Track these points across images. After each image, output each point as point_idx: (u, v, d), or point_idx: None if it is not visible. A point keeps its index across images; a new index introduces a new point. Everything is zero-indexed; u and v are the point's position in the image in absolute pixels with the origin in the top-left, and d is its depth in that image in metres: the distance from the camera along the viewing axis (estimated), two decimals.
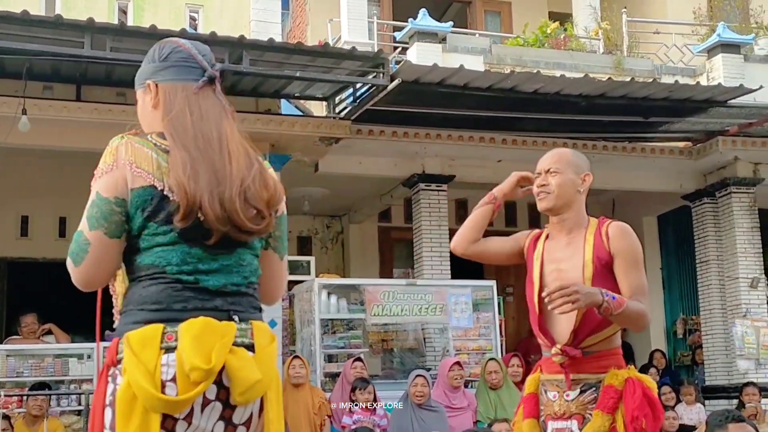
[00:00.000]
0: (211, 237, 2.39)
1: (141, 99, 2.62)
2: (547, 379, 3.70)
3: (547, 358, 3.70)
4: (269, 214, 2.47)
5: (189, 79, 2.54)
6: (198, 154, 2.40)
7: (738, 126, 11.70)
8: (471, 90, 10.15)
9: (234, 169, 2.41)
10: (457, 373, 9.48)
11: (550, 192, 3.77)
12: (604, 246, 3.66)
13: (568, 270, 3.69)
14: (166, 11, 11.98)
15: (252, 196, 2.42)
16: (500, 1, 16.86)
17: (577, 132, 11.57)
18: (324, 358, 10.32)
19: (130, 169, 2.39)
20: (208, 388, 2.33)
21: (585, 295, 3.40)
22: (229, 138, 2.47)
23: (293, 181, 11.72)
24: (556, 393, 3.65)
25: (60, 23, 8.50)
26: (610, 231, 3.70)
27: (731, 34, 12.61)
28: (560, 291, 3.40)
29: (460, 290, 10.92)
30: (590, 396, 3.58)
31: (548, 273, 3.74)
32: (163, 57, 2.58)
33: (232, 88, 10.20)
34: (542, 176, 3.80)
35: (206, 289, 2.42)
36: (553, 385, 3.67)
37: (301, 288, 10.81)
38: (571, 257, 3.71)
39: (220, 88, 2.59)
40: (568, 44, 13.20)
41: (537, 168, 3.86)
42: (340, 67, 9.91)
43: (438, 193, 11.93)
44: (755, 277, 12.32)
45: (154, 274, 2.40)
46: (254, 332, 2.45)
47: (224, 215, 2.36)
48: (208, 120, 2.48)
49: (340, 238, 14.61)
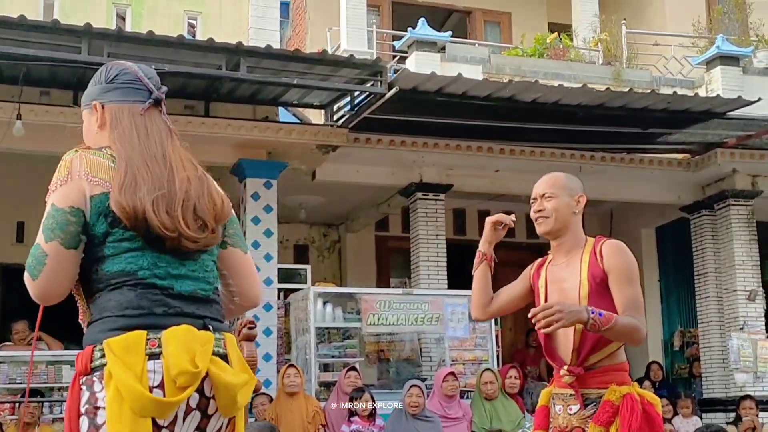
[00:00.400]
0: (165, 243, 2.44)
1: (87, 119, 2.67)
2: (556, 393, 3.83)
3: (556, 372, 3.86)
4: (216, 227, 2.53)
5: (135, 101, 2.61)
6: (141, 166, 2.46)
7: (736, 138, 11.69)
8: (469, 99, 10.14)
9: (178, 183, 2.47)
10: (451, 383, 9.45)
11: (548, 216, 3.88)
12: (598, 264, 3.77)
13: (569, 290, 3.79)
14: (165, 18, 11.96)
15: (200, 209, 2.48)
16: (500, 11, 16.88)
17: (576, 143, 11.54)
18: (319, 368, 10.29)
19: (87, 179, 2.43)
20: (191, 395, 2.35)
21: (568, 314, 3.47)
22: (173, 155, 2.54)
23: (290, 188, 11.71)
24: (561, 407, 3.78)
25: (57, 28, 8.50)
26: (603, 249, 3.80)
27: (730, 47, 12.61)
28: (543, 311, 3.48)
29: (456, 300, 10.89)
30: (591, 411, 3.67)
31: (551, 294, 3.85)
32: (110, 79, 2.64)
33: (230, 95, 10.20)
34: (538, 201, 3.92)
35: (181, 295, 2.45)
36: (560, 399, 3.79)
37: (297, 296, 10.78)
38: (570, 277, 3.82)
39: (165, 110, 2.66)
40: (567, 55, 13.20)
41: (532, 194, 3.97)
42: (338, 74, 9.90)
43: (435, 203, 11.90)
44: (753, 290, 12.28)
45: (127, 280, 2.42)
46: (227, 343, 2.49)
47: (171, 223, 2.41)
48: (153, 138, 2.55)
49: (337, 247, 14.58)
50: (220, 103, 10.40)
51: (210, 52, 9.18)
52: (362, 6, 14.29)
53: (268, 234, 10.67)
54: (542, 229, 3.91)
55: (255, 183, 10.69)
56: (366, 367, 10.82)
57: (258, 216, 10.64)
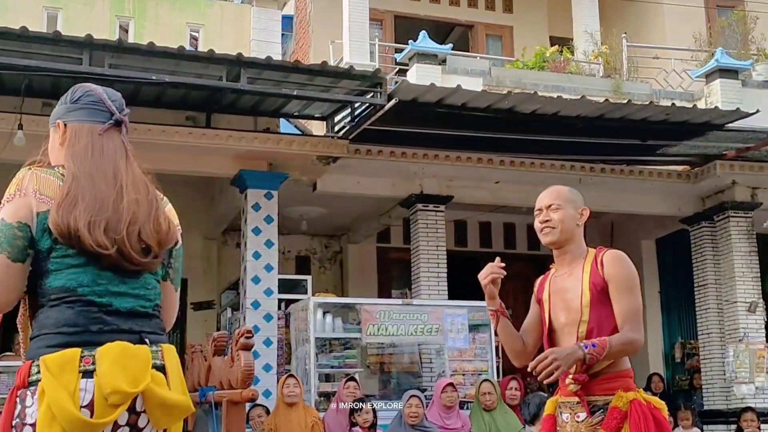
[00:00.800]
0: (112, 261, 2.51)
1: (51, 137, 2.76)
2: (563, 401, 3.87)
3: (561, 381, 3.88)
4: (159, 252, 2.59)
5: (96, 121, 2.70)
6: (87, 184, 2.54)
7: (736, 150, 11.72)
8: (469, 110, 10.18)
9: (125, 204, 2.55)
10: (450, 394, 9.43)
11: (554, 227, 3.92)
12: (598, 273, 3.83)
13: (571, 299, 3.86)
14: (167, 30, 12.03)
15: (145, 233, 2.55)
16: (502, 25, 16.99)
17: (576, 154, 11.57)
18: (319, 378, 10.30)
19: (35, 196, 2.51)
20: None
21: (564, 358, 3.57)
22: (125, 177, 2.62)
23: (291, 200, 11.75)
24: (568, 415, 3.82)
25: (58, 40, 8.57)
26: (604, 258, 3.87)
27: (729, 60, 12.66)
28: (541, 363, 3.57)
29: (456, 311, 10.91)
30: (598, 417, 3.71)
31: (555, 304, 3.92)
32: (74, 99, 2.75)
33: (231, 106, 10.26)
34: (544, 212, 3.95)
35: (118, 311, 2.52)
36: (567, 408, 3.83)
37: (297, 307, 10.81)
38: (573, 287, 3.87)
39: (125, 132, 2.74)
40: (567, 68, 13.26)
41: (537, 205, 4.00)
42: (338, 86, 9.95)
43: (436, 214, 11.93)
44: (753, 302, 12.28)
45: (66, 297, 2.49)
46: (164, 354, 2.54)
47: (104, 242, 2.47)
48: (107, 158, 2.63)
49: (339, 258, 14.62)
50: (221, 115, 10.47)
51: (210, 63, 9.23)
52: (365, 20, 14.40)
53: (268, 244, 10.71)
54: (548, 239, 3.95)
55: (256, 194, 10.74)
56: (367, 378, 10.84)
57: (259, 227, 10.68)
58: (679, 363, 14.22)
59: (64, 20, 11.65)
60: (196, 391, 9.73)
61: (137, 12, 12.20)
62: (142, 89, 9.48)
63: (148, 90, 9.53)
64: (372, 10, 14.98)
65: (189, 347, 10.80)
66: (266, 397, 10.12)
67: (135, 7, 12.21)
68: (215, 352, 8.99)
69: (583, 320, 3.77)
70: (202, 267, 13.40)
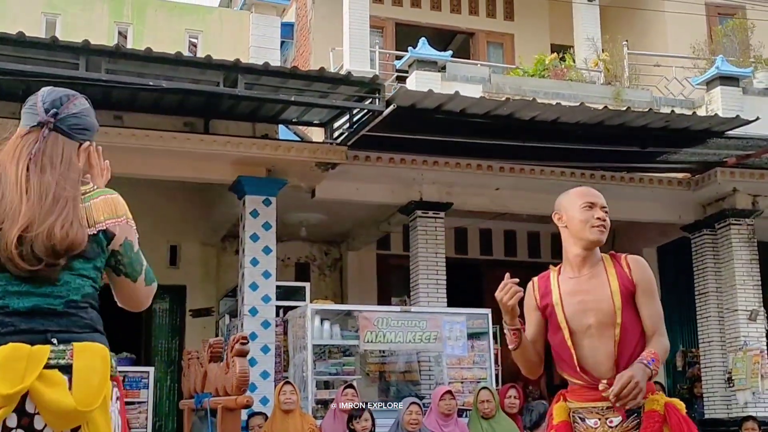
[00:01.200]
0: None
1: None
2: (583, 407, 3.78)
3: (578, 386, 3.81)
4: (53, 260, 2.52)
5: (27, 125, 2.70)
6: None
7: (736, 157, 11.68)
8: (467, 117, 10.16)
9: (24, 208, 2.52)
10: (448, 402, 9.39)
11: (606, 228, 3.88)
12: (627, 276, 3.81)
13: (596, 301, 3.79)
14: (166, 36, 12.02)
15: (38, 243, 2.50)
16: (503, 33, 16.98)
17: (576, 161, 11.55)
18: (317, 385, 10.27)
19: None
20: (9, 416, 2.38)
21: (642, 378, 3.55)
22: (31, 181, 2.57)
23: (290, 206, 11.74)
24: (597, 420, 3.73)
25: (55, 45, 8.58)
26: (630, 262, 3.85)
27: (730, 67, 12.64)
28: (624, 390, 3.51)
29: (454, 318, 10.88)
30: (633, 421, 3.68)
31: (573, 306, 3.82)
32: (26, 105, 2.77)
33: (229, 112, 10.26)
34: (598, 210, 3.89)
35: (18, 311, 2.49)
36: (593, 413, 3.75)
37: (295, 313, 10.78)
38: (597, 289, 3.81)
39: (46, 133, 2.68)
40: (567, 75, 13.24)
41: (590, 199, 3.91)
42: (337, 92, 9.94)
43: (435, 221, 11.90)
44: (754, 310, 12.23)
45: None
46: (74, 353, 2.49)
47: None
48: (18, 160, 2.61)
49: (339, 265, 14.59)
50: (219, 121, 10.46)
51: (208, 69, 9.23)
52: (365, 27, 14.41)
53: (266, 251, 10.68)
54: (601, 237, 3.86)
55: (254, 200, 10.71)
56: (366, 386, 10.80)
57: (257, 233, 10.65)
58: (680, 371, 14.16)
59: (63, 26, 11.65)
60: (192, 397, 9.73)
61: (136, 18, 12.20)
62: (139, 95, 9.49)
63: (145, 96, 9.53)
64: (373, 17, 15.00)
65: (185, 354, 10.79)
66: (263, 405, 10.10)
67: (134, 13, 12.21)
68: (211, 359, 8.97)
69: (617, 323, 3.71)
70: (200, 274, 13.40)
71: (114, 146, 9.75)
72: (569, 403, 3.83)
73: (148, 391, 10.43)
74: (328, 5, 15.47)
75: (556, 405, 3.89)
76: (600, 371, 3.74)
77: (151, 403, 10.46)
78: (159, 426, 12.34)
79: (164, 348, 13.28)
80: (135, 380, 10.41)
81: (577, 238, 3.87)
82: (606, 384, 3.66)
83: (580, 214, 3.87)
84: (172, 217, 13.03)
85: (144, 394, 10.40)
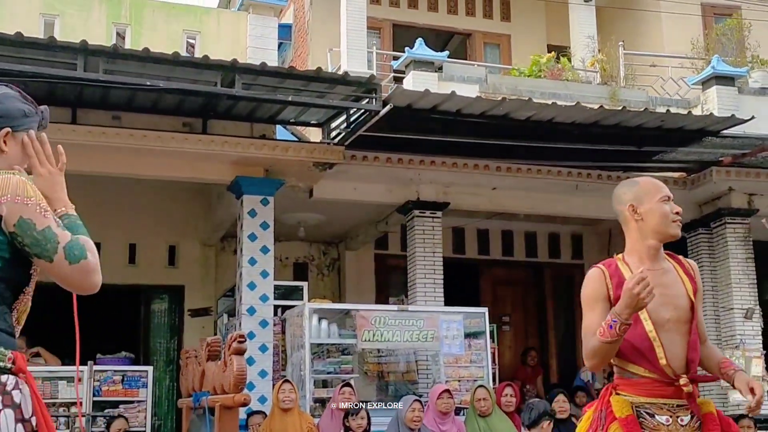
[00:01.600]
0: None
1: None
2: (651, 402, 3.67)
3: (647, 381, 3.68)
4: None
5: None
6: None
7: (732, 157, 11.73)
8: (464, 117, 10.20)
9: None
10: (446, 401, 9.44)
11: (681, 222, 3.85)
12: (693, 278, 3.81)
13: (674, 296, 3.73)
14: (164, 36, 12.10)
15: None
16: (500, 33, 17.04)
17: (573, 161, 11.60)
18: (315, 384, 10.31)
19: None
20: None
21: None
22: None
23: (289, 207, 11.78)
24: (668, 417, 3.64)
25: (53, 45, 8.61)
26: (692, 265, 3.87)
27: (725, 67, 12.70)
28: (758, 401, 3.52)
29: (451, 317, 10.93)
30: (696, 421, 3.65)
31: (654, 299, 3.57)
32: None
33: (227, 112, 10.30)
34: (672, 204, 3.84)
35: None
36: (663, 410, 3.65)
37: (293, 312, 10.83)
38: (674, 284, 3.75)
39: None
40: (563, 75, 13.29)
41: (670, 194, 3.87)
42: (333, 92, 9.99)
43: (432, 220, 11.94)
44: (750, 308, 12.28)
45: None
46: None
47: None
48: None
49: (337, 265, 14.63)
50: (217, 121, 10.51)
51: (205, 69, 9.27)
52: (363, 28, 14.47)
53: (264, 251, 10.73)
54: (679, 232, 3.84)
55: (252, 200, 10.76)
56: (364, 385, 10.85)
57: (255, 233, 10.70)
58: None
59: (61, 27, 11.71)
60: (190, 396, 9.79)
61: (134, 19, 12.27)
62: (137, 95, 9.53)
63: (143, 96, 9.57)
64: (370, 18, 15.05)
65: (183, 353, 10.85)
66: (262, 403, 10.14)
67: (132, 14, 12.28)
68: (209, 357, 9.02)
69: (690, 320, 3.69)
70: (199, 274, 13.44)
71: (112, 146, 9.84)
72: (630, 398, 3.68)
73: (146, 390, 10.47)
74: (326, 7, 15.52)
75: (613, 398, 3.72)
76: (675, 366, 3.65)
77: (150, 402, 10.50)
78: (158, 425, 12.39)
79: (163, 347, 13.32)
80: (134, 379, 10.45)
81: (655, 232, 3.78)
82: (687, 380, 3.61)
83: (659, 207, 3.79)
84: (171, 217, 13.09)
85: (143, 393, 10.44)
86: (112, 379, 10.24)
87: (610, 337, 3.54)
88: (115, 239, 12.63)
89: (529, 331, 15.37)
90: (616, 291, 3.66)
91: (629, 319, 3.50)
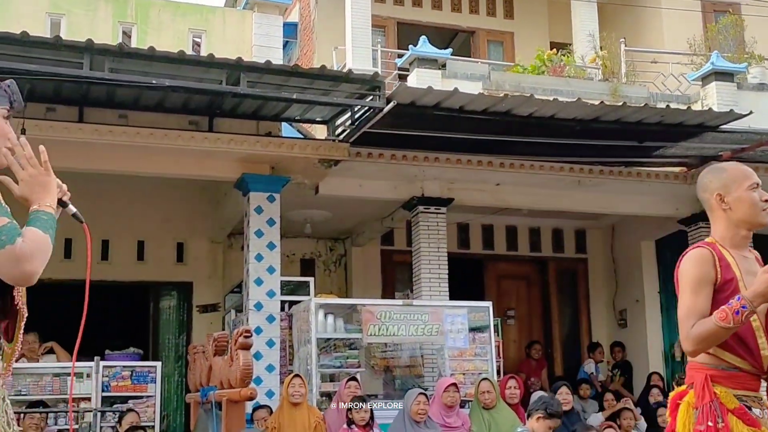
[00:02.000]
0: None
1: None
2: (747, 395, 3.54)
3: (741, 374, 3.55)
4: None
5: None
6: None
7: (731, 151, 11.80)
8: (467, 113, 10.29)
9: None
10: (452, 394, 9.54)
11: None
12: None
13: None
14: (170, 35, 12.20)
15: None
16: (503, 31, 17.12)
17: (575, 156, 11.69)
18: (322, 378, 10.42)
19: None
20: None
21: None
22: None
23: (295, 203, 11.90)
24: (760, 411, 3.53)
25: (59, 44, 8.68)
26: (758, 255, 3.74)
27: (725, 63, 12.77)
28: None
29: (456, 311, 11.02)
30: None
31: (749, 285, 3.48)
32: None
33: (233, 110, 10.41)
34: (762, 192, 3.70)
35: None
36: (756, 402, 3.54)
37: (299, 308, 10.94)
38: (758, 272, 3.54)
39: None
40: (565, 71, 13.38)
41: (755, 179, 3.75)
42: (338, 89, 10.08)
43: (437, 216, 12.04)
44: None
45: None
46: None
47: None
48: None
49: (343, 261, 14.76)
50: (223, 119, 10.62)
51: (211, 67, 9.36)
52: (367, 26, 14.56)
53: (271, 247, 10.84)
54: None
55: (258, 197, 10.88)
56: (373, 379, 10.96)
57: (261, 229, 10.82)
58: (678, 362, 14.29)
59: (68, 26, 11.82)
60: (198, 391, 9.91)
61: (140, 18, 12.37)
62: (143, 94, 9.63)
63: (149, 94, 9.67)
64: (375, 16, 15.14)
65: (191, 348, 10.98)
66: (269, 398, 10.26)
67: (138, 12, 12.38)
68: (216, 352, 9.14)
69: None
70: (207, 270, 13.56)
71: (119, 145, 9.95)
72: (731, 390, 3.52)
73: (155, 386, 10.57)
74: (331, 5, 15.62)
75: (719, 390, 3.52)
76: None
77: (159, 398, 10.62)
78: (167, 420, 12.51)
79: (172, 343, 13.44)
80: (142, 375, 10.54)
81: (744, 221, 3.66)
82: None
83: (748, 196, 3.66)
84: (179, 214, 13.22)
85: (151, 389, 10.53)
86: (121, 375, 10.33)
87: (734, 323, 3.38)
88: (124, 237, 12.77)
89: (533, 325, 15.48)
90: (724, 274, 3.56)
91: (755, 306, 3.36)
